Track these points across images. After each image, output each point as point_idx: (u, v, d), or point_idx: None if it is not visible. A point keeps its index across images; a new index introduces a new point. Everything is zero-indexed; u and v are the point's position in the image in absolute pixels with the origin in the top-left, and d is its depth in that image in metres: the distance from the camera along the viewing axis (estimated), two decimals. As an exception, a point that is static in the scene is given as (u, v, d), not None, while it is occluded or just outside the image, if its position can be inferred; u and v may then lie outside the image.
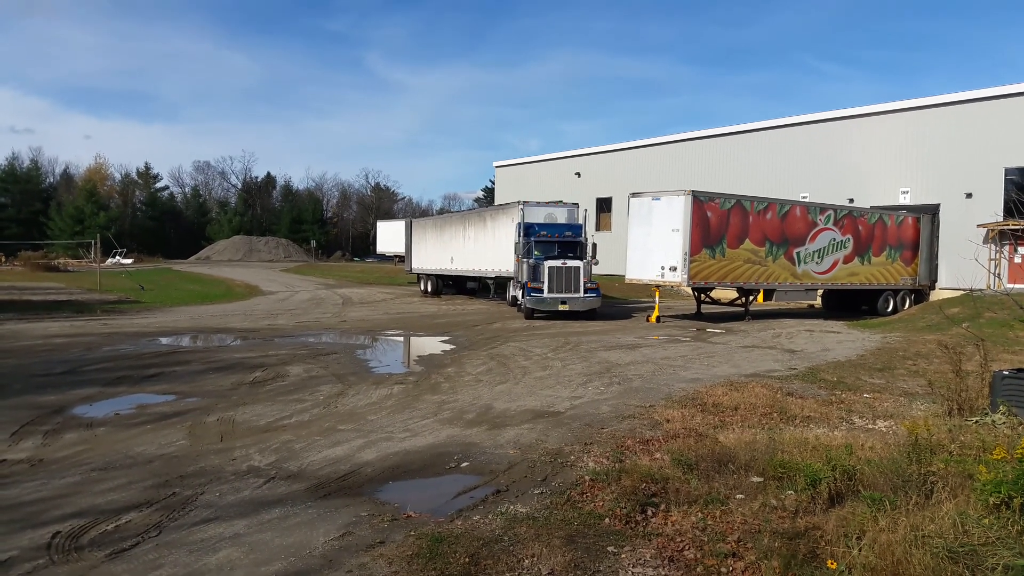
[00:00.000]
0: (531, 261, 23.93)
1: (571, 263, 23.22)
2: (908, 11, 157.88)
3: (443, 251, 33.70)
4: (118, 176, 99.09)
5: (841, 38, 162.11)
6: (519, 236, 24.94)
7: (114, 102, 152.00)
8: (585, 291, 23.28)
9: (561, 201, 28.11)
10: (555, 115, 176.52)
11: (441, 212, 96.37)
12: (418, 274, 36.70)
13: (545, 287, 23.12)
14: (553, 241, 24.53)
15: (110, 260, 59.11)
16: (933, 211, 30.01)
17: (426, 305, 29.26)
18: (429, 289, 34.93)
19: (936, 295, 29.26)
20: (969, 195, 29.02)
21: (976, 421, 8.68)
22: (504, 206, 29.31)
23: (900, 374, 14.11)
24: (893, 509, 5.42)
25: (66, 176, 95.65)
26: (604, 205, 44.22)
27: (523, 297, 23.81)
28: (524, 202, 26.60)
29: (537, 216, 26.05)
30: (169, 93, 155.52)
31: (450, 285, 34.86)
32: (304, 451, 8.15)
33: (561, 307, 23.02)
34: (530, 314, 23.65)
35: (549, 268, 23.08)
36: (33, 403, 10.45)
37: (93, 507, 6.33)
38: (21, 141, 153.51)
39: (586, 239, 24.90)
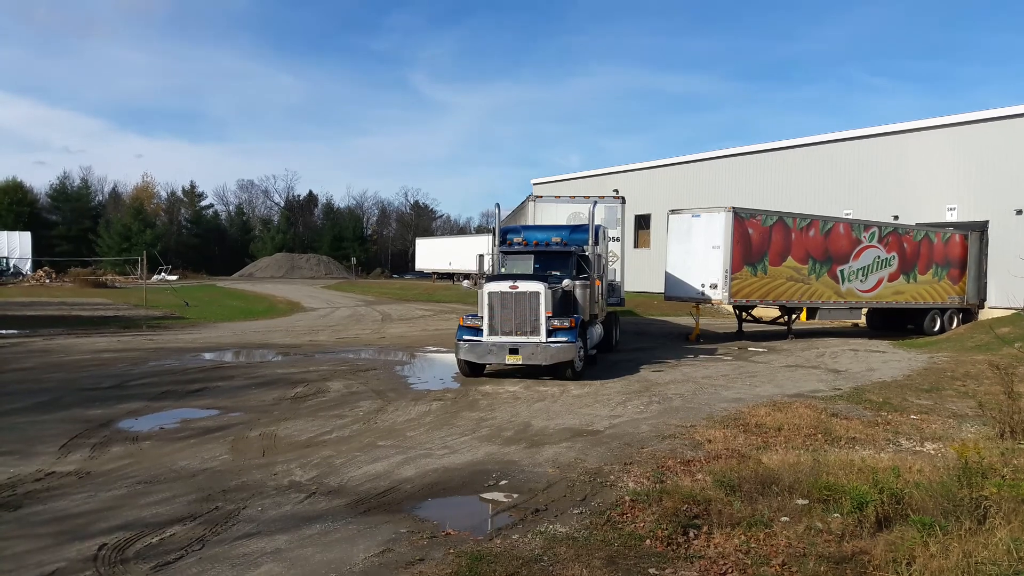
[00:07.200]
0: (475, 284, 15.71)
1: (526, 286, 14.23)
2: (959, 23, 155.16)
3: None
4: (164, 194, 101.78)
5: (890, 51, 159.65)
6: (491, 246, 17.22)
7: (163, 122, 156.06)
8: (550, 332, 14.12)
9: (599, 197, 21.17)
10: (597, 131, 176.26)
11: (480, 229, 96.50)
12: None
13: (485, 326, 14.39)
14: (530, 251, 16.10)
15: (156, 277, 60.47)
16: (981, 228, 29.28)
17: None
18: None
19: (985, 314, 28.49)
20: (1019, 212, 28.23)
21: (1030, 444, 8.42)
22: (524, 205, 21.86)
23: (948, 395, 13.76)
24: (944, 534, 5.28)
25: (114, 194, 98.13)
26: (642, 222, 43.91)
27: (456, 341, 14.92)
28: (536, 197, 20.14)
29: (558, 216, 20.02)
30: (216, 113, 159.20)
31: None
32: (344, 467, 8.21)
33: (511, 359, 14.16)
34: (469, 370, 14.79)
35: (490, 295, 14.40)
36: (81, 417, 10.70)
37: (138, 520, 6.44)
38: (73, 161, 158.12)
39: (594, 244, 16.30)
